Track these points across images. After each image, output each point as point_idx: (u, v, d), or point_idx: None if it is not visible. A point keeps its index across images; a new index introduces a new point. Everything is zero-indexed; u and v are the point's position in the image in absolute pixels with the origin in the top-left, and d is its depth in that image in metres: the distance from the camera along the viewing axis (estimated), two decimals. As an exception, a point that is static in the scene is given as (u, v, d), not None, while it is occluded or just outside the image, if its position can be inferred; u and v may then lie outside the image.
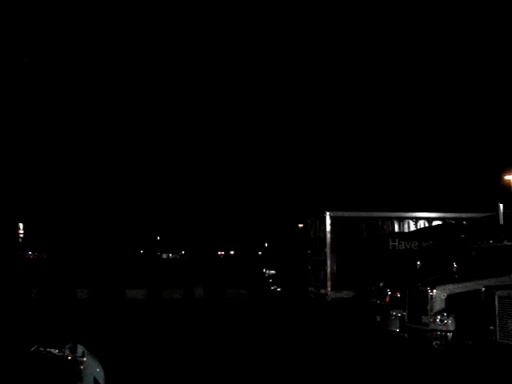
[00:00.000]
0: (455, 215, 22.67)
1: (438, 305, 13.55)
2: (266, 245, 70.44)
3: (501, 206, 16.11)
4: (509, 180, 38.27)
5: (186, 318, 21.86)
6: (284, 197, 57.52)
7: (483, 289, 12.80)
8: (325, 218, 21.48)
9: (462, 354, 12.58)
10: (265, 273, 36.28)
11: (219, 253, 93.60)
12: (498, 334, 11.35)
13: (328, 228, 21.39)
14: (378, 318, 16.94)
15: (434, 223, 22.00)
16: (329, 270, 21.21)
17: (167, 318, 21.93)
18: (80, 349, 5.14)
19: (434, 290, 13.73)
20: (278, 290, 30.98)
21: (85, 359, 5.07)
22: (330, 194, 45.70)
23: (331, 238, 21.36)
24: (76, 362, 4.99)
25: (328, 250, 21.29)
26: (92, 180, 57.37)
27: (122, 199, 64.02)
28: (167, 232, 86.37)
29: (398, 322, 15.52)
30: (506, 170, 38.38)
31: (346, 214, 22.22)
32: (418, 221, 22.19)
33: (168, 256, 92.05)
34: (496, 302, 11.51)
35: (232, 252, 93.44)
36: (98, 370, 5.20)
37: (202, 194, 70.72)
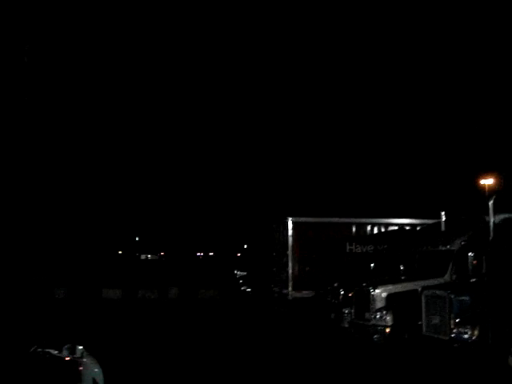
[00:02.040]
0: (410, 221, 24.28)
1: (379, 303, 15.20)
2: (246, 246, 71.54)
3: (442, 213, 17.60)
4: (484, 185, 40.03)
5: (159, 317, 23.17)
6: (262, 199, 58.84)
7: (419, 289, 14.46)
8: (287, 222, 23.04)
9: (397, 346, 14.21)
10: (236, 274, 37.77)
11: (198, 254, 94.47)
12: (424, 327, 13.00)
13: (290, 232, 22.96)
14: (332, 316, 18.58)
15: (390, 228, 23.62)
16: (290, 272, 22.79)
17: (142, 317, 23.19)
18: (79, 349, 5.20)
19: (376, 290, 15.38)
20: (248, 290, 32.42)
21: (84, 360, 5.15)
22: (296, 199, 47.25)
23: (293, 241, 22.93)
24: (75, 363, 5.03)
25: (290, 252, 22.86)
26: (71, 179, 58.11)
27: (101, 199, 64.88)
28: (146, 233, 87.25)
29: (348, 318, 17.15)
30: (470, 176, 40.19)
31: (307, 219, 23.81)
32: (375, 226, 23.81)
33: (146, 257, 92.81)
34: (423, 300, 13.14)
35: (211, 253, 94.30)
36: (96, 371, 5.30)
37: (182, 196, 71.77)
